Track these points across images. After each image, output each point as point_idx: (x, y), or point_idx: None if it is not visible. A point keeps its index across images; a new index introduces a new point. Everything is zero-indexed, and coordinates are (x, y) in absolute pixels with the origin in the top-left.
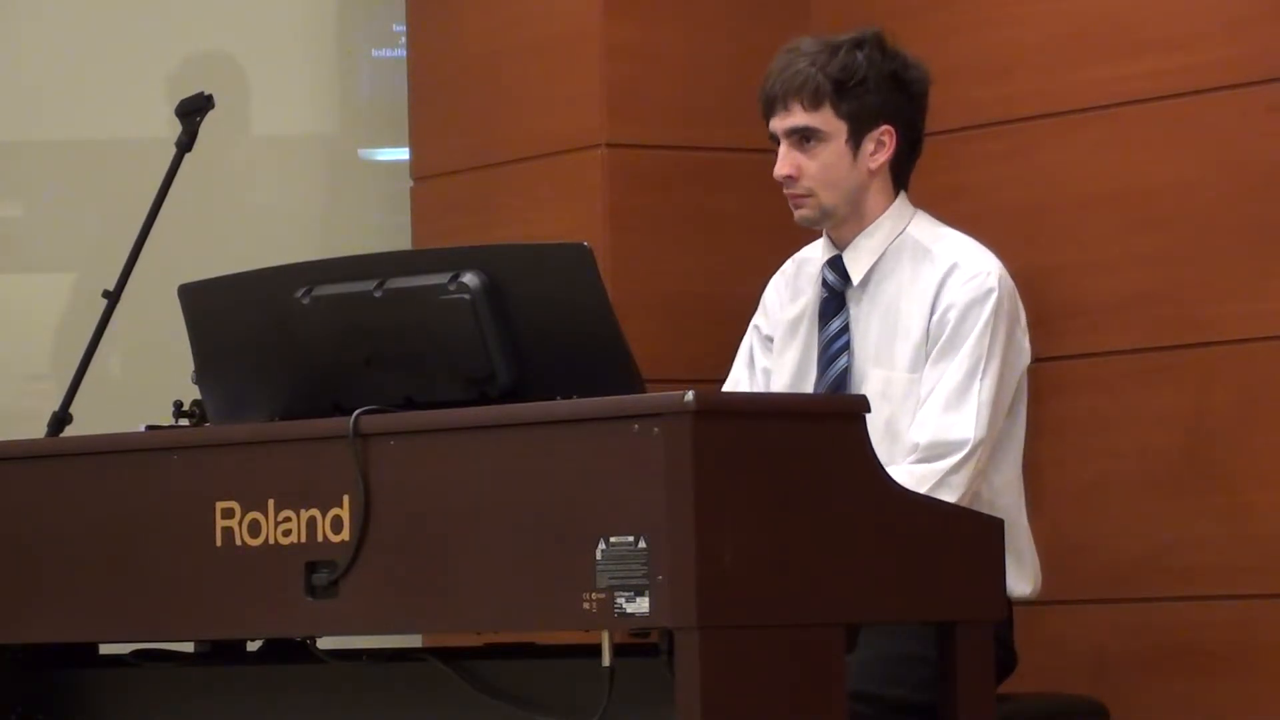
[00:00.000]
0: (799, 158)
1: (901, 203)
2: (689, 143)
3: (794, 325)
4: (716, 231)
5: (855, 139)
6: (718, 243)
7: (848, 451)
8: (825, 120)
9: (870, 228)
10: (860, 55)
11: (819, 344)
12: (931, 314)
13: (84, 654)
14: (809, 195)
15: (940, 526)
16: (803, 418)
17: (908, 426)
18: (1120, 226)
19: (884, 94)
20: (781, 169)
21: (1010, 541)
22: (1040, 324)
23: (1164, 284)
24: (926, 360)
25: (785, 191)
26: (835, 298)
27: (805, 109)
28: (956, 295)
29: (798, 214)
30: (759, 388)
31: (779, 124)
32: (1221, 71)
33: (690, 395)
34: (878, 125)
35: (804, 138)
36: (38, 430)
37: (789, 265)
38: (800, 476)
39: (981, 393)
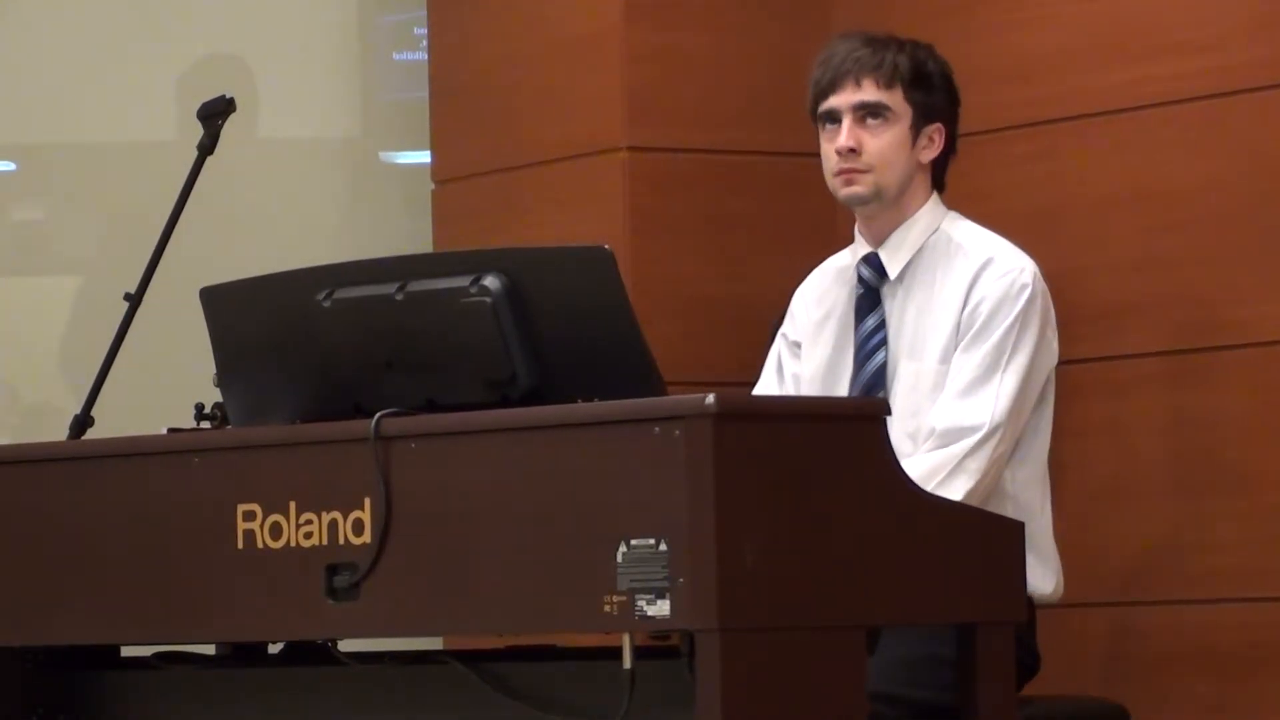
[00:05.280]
0: (861, 133)
1: (936, 201)
2: (710, 146)
3: (821, 325)
4: (737, 235)
5: (916, 127)
6: (739, 246)
7: (868, 453)
8: (896, 101)
9: (908, 222)
10: (924, 53)
11: (855, 340)
12: (964, 307)
13: (106, 656)
14: (867, 171)
15: (960, 528)
16: (823, 420)
17: None
18: (1142, 229)
19: (942, 94)
20: (846, 140)
21: (1032, 539)
22: (1061, 326)
23: (1185, 286)
24: (955, 351)
25: (840, 166)
26: (871, 294)
27: (879, 87)
28: (990, 289)
29: (847, 191)
30: (787, 391)
31: (844, 99)
32: (1244, 74)
33: (711, 398)
34: (933, 121)
35: (871, 114)
36: (59, 433)
37: (814, 274)
38: (821, 478)
39: (1003, 383)
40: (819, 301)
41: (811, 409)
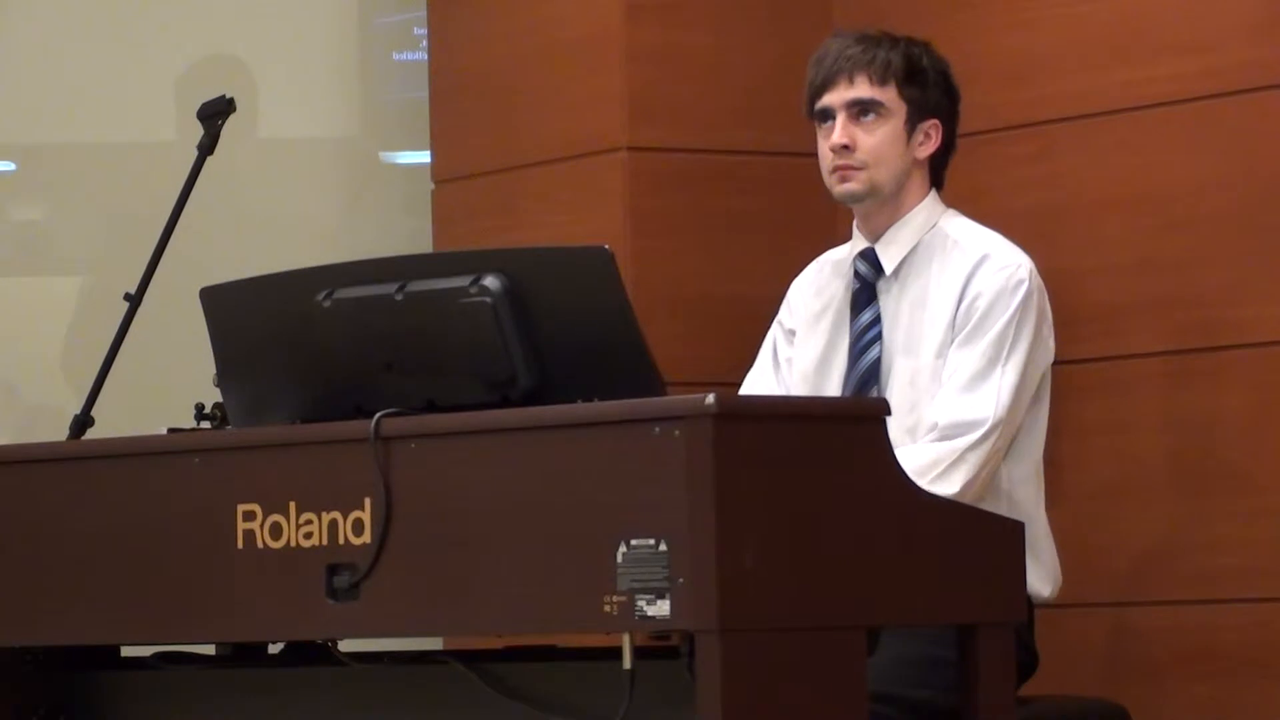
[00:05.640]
0: (855, 130)
1: (935, 198)
2: (710, 146)
3: (817, 317)
4: (737, 234)
5: (911, 124)
6: (738, 245)
7: (869, 454)
8: (890, 97)
9: (905, 218)
10: (919, 50)
11: (850, 335)
12: (960, 301)
13: (106, 656)
14: (861, 168)
15: (961, 528)
16: (823, 420)
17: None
18: (1140, 229)
19: (938, 90)
20: (840, 137)
21: (1029, 540)
22: (1060, 326)
23: (1183, 287)
24: (951, 346)
25: (835, 163)
26: (867, 289)
27: (872, 83)
28: (986, 284)
29: (842, 188)
30: (782, 378)
31: (838, 97)
32: (1242, 74)
33: (711, 398)
34: (929, 117)
35: (864, 111)
36: (60, 433)
37: (813, 266)
38: (821, 479)
39: (1003, 378)
40: (817, 293)
41: (811, 409)
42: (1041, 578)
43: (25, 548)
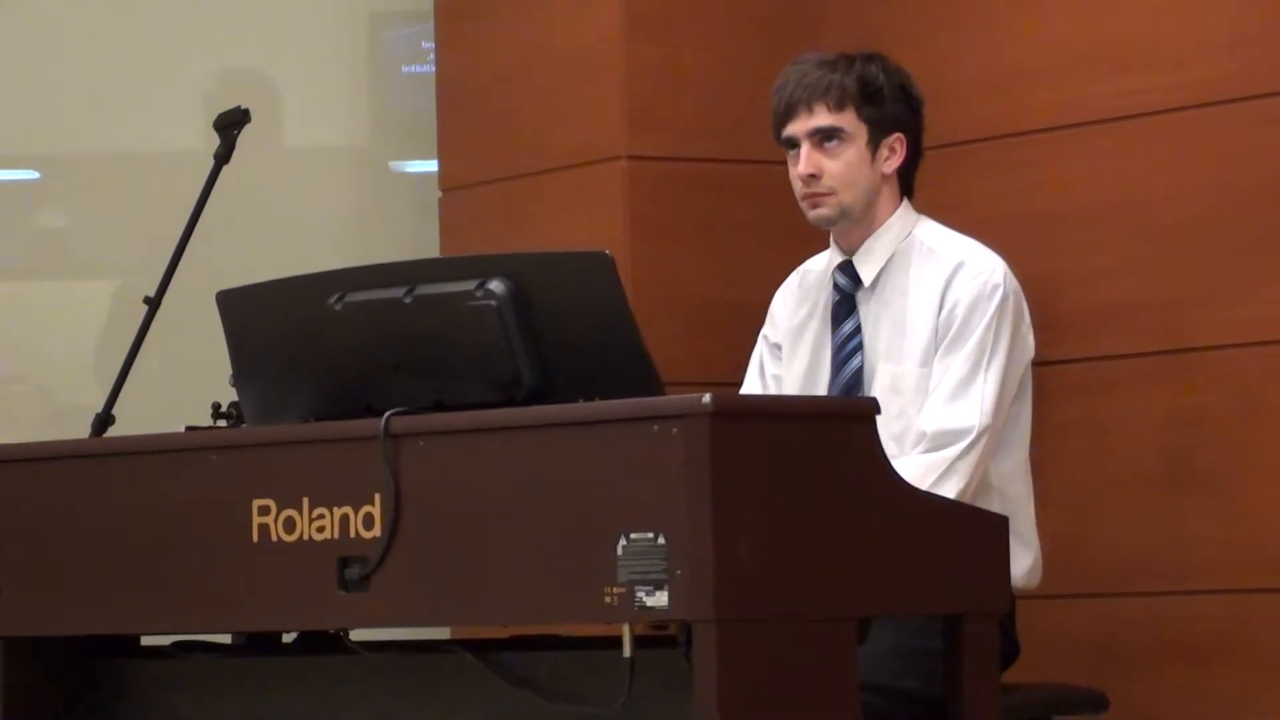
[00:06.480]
0: (820, 158)
1: (907, 208)
2: (707, 155)
3: (800, 330)
4: (732, 240)
5: (874, 142)
6: (733, 251)
7: (859, 451)
8: (849, 121)
9: (879, 231)
10: (874, 67)
11: (832, 345)
12: (940, 310)
13: (126, 645)
14: (830, 194)
15: (948, 522)
16: (816, 419)
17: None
18: (1121, 236)
19: (897, 104)
20: (805, 168)
21: (1016, 528)
22: (1044, 329)
23: (1162, 291)
24: (935, 354)
25: (805, 191)
26: (846, 300)
27: (830, 110)
28: (963, 291)
29: (814, 214)
30: (771, 393)
31: (800, 126)
32: (1219, 86)
33: (708, 397)
34: (891, 133)
35: (826, 138)
36: (82, 430)
37: (793, 277)
38: (814, 475)
39: (986, 384)
40: (798, 305)
41: (805, 409)
42: (1029, 565)
43: (49, 541)
